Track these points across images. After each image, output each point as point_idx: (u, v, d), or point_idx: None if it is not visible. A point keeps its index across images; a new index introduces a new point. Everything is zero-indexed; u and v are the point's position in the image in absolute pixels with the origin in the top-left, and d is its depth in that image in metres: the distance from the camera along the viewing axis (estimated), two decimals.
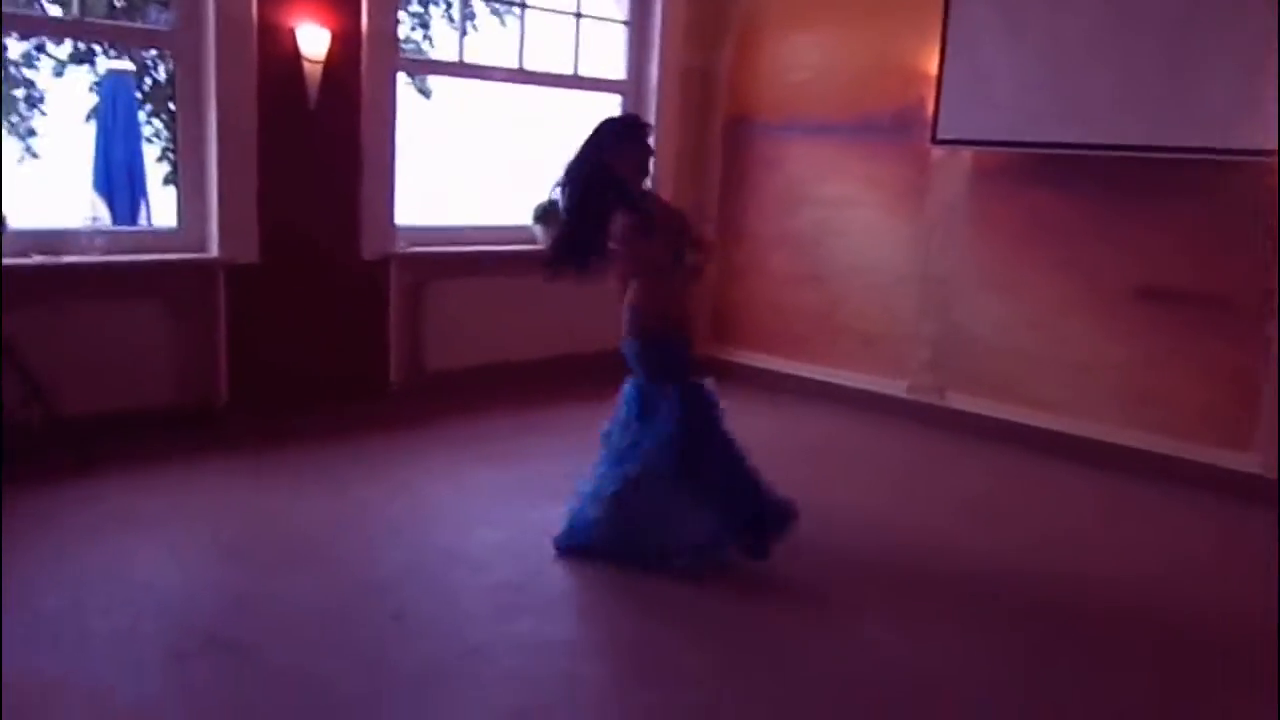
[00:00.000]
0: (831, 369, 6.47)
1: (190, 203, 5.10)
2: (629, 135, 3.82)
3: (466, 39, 6.38)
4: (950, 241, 5.92)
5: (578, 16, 6.52)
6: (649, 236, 3.73)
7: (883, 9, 6.10)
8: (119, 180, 7.10)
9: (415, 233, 5.86)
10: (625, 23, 6.70)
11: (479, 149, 10.68)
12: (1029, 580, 3.87)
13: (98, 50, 10.35)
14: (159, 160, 10.62)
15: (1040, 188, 5.58)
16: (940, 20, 5.66)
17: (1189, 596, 3.82)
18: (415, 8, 12.01)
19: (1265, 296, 4.85)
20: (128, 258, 4.87)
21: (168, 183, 9.72)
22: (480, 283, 5.99)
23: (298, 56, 5.11)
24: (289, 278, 5.28)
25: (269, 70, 5.05)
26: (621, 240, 3.74)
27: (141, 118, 10.60)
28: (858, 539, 4.19)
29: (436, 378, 5.85)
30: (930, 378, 6.03)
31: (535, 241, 6.26)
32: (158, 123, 11.18)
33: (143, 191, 7.42)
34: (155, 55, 10.51)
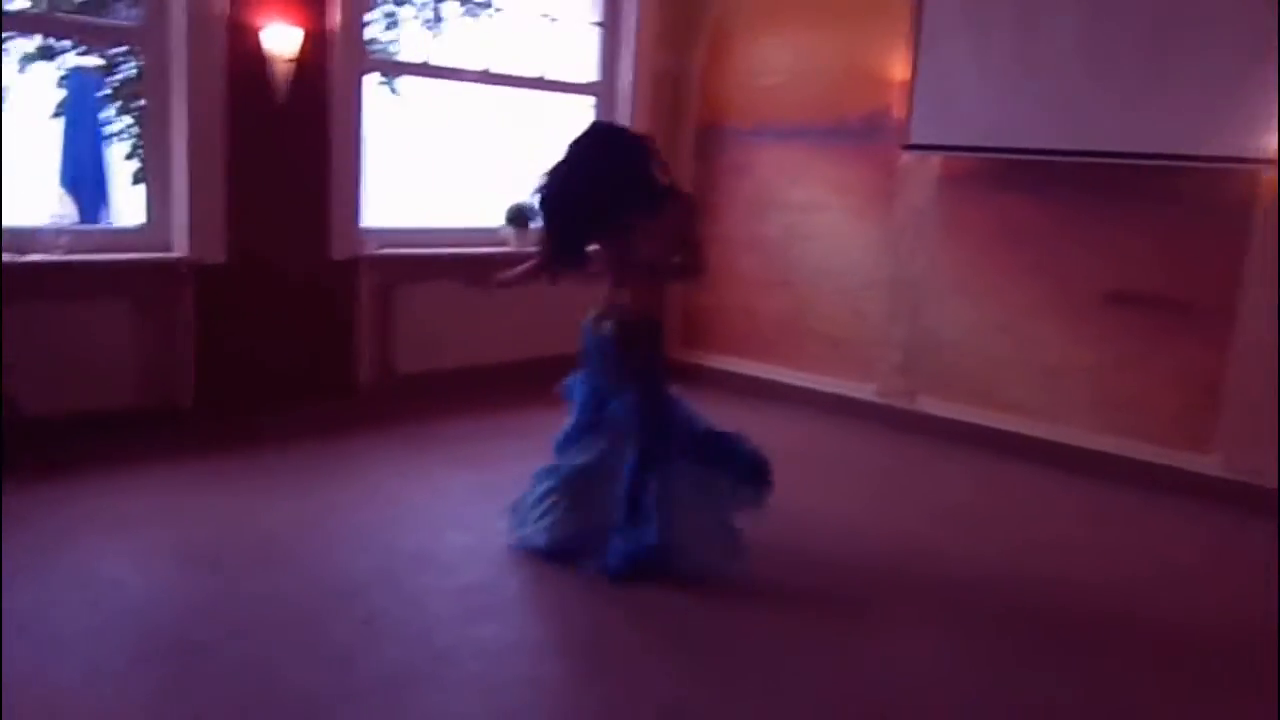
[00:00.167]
0: (802, 373, 6.50)
1: (157, 202, 5.06)
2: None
3: (438, 39, 6.36)
4: (920, 246, 5.96)
5: (550, 19, 6.51)
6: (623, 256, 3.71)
7: (853, 14, 6.13)
8: (85, 178, 7.03)
9: (385, 234, 5.83)
10: (598, 25, 6.70)
11: (450, 150, 10.63)
12: (1008, 584, 3.89)
13: (65, 46, 10.21)
14: (128, 158, 10.49)
15: (1009, 192, 5.63)
16: (910, 26, 5.70)
17: (1166, 599, 3.85)
18: (387, 7, 11.95)
19: (1226, 299, 4.93)
20: (93, 257, 4.81)
21: (137, 181, 9.61)
22: (450, 285, 5.93)
23: (267, 55, 5.07)
24: (256, 278, 5.24)
25: (237, 69, 5.01)
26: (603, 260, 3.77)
27: (110, 114, 10.48)
28: (832, 543, 4.19)
29: (406, 380, 5.83)
30: (900, 382, 6.07)
31: (506, 244, 6.24)
32: (127, 119, 11.05)
33: (110, 189, 7.34)
34: (125, 51, 10.38)
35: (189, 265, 5.00)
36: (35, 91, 10.55)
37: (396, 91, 11.67)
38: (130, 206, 7.70)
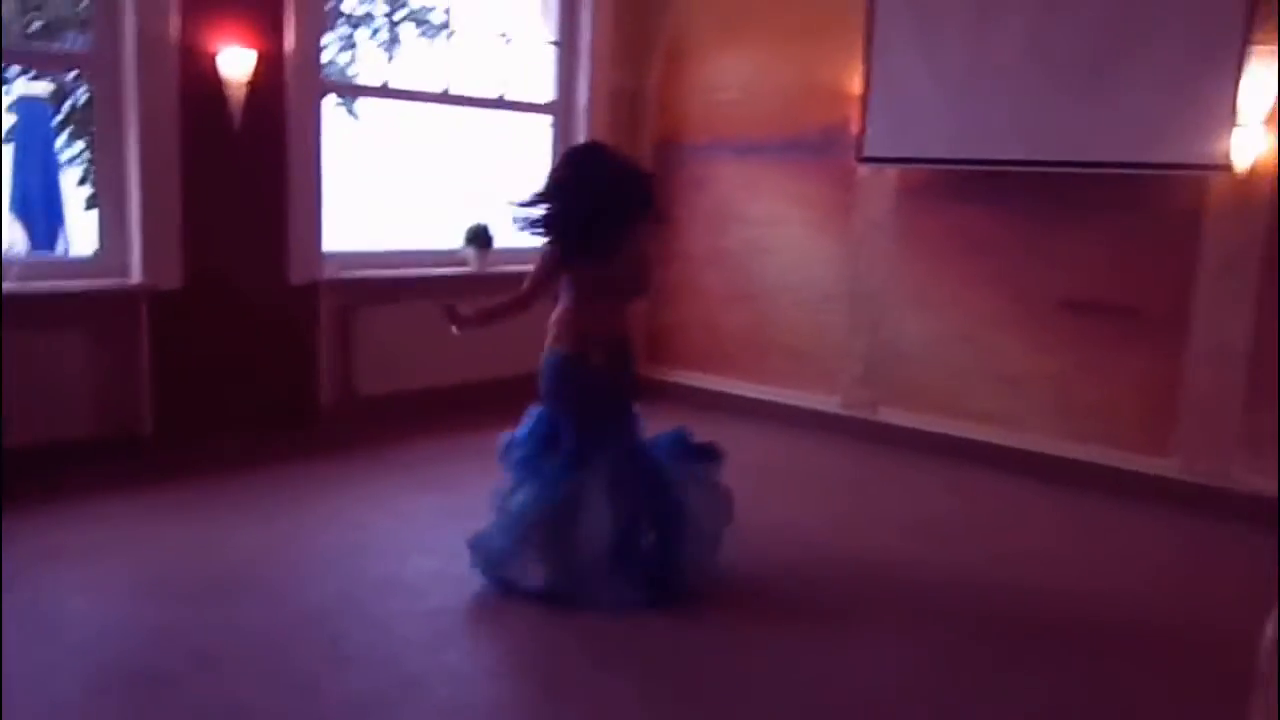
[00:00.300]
0: (765, 386, 6.52)
1: (111, 229, 4.99)
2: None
3: (394, 61, 6.35)
4: (878, 258, 6.01)
5: (505, 39, 6.52)
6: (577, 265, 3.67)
7: (807, 30, 6.19)
8: (36, 206, 6.93)
9: (344, 257, 5.79)
10: (554, 44, 6.72)
11: (409, 172, 10.60)
12: (979, 593, 3.92)
13: (14, 73, 10.09)
14: (81, 184, 10.38)
15: (965, 204, 5.69)
16: (863, 40, 5.75)
17: (1135, 603, 3.89)
18: (343, 29, 11.92)
19: (1180, 304, 5.02)
20: (46, 285, 4.74)
21: (90, 207, 9.50)
22: (410, 307, 5.92)
23: (221, 79, 5.04)
24: (214, 304, 5.18)
25: (191, 93, 4.96)
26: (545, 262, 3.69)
27: (62, 140, 10.36)
28: (801, 557, 4.19)
29: (368, 403, 5.78)
30: (863, 393, 6.10)
31: (467, 264, 6.23)
32: (79, 145, 10.94)
33: (61, 218, 7.25)
34: (76, 77, 10.29)
35: (145, 292, 4.94)
36: None
37: (355, 114, 11.65)
38: (85, 233, 7.61)
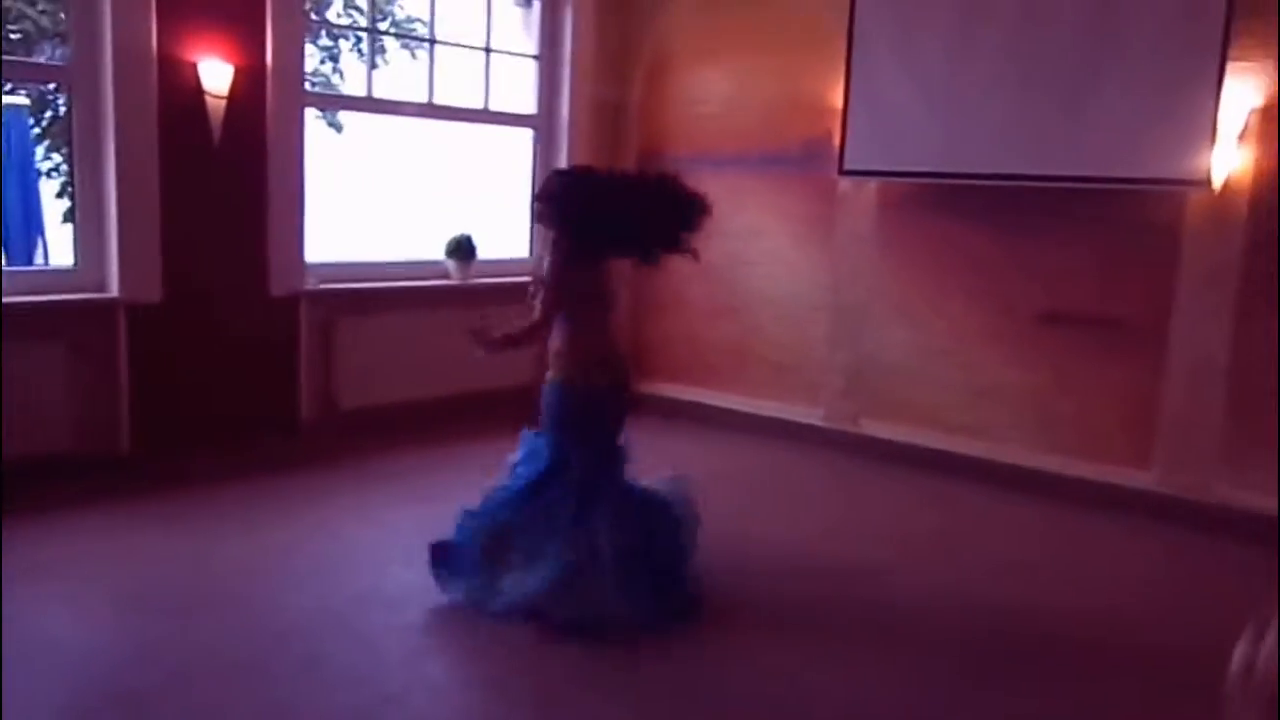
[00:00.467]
0: (747, 398, 6.53)
1: (88, 241, 4.96)
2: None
3: (377, 73, 6.34)
4: (860, 271, 6.03)
5: (487, 51, 6.52)
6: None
7: (789, 44, 6.21)
8: (14, 219, 6.89)
9: (326, 269, 5.77)
10: (535, 57, 6.73)
11: (391, 183, 10.60)
12: (960, 607, 3.91)
13: None
14: (59, 196, 10.33)
15: (945, 217, 5.72)
16: (845, 54, 5.78)
17: (1116, 617, 3.89)
18: (325, 41, 11.91)
19: (1159, 318, 5.05)
20: (23, 298, 4.70)
21: (68, 219, 9.45)
22: (392, 319, 5.91)
23: (200, 91, 5.02)
24: (193, 317, 5.15)
25: (170, 105, 4.94)
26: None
27: (40, 153, 10.30)
28: (783, 571, 4.17)
29: (349, 415, 5.75)
30: (844, 406, 6.11)
31: (449, 276, 6.22)
32: (58, 157, 10.89)
33: (40, 230, 7.20)
34: (55, 88, 10.25)
35: (123, 305, 4.91)
36: None
37: (337, 126, 11.64)
38: (64, 245, 7.57)
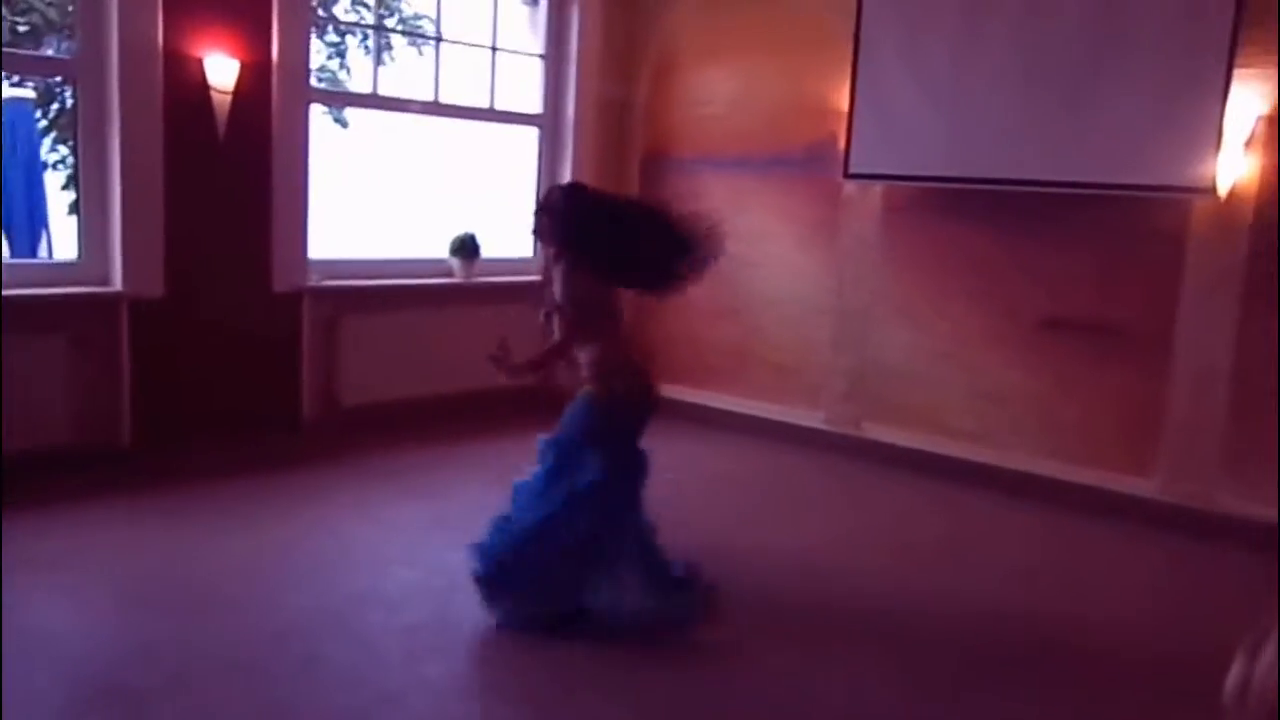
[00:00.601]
0: (749, 400, 6.52)
1: (93, 235, 4.96)
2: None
3: (383, 70, 6.33)
4: (863, 274, 6.02)
5: (494, 49, 6.51)
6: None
7: (795, 45, 6.20)
8: (18, 211, 6.88)
9: (330, 266, 5.77)
10: (541, 56, 6.72)
11: (395, 181, 10.59)
12: (961, 613, 3.90)
13: None
14: (64, 189, 10.33)
15: (950, 221, 5.71)
16: (850, 57, 5.77)
17: (1117, 625, 3.88)
18: (332, 38, 11.90)
19: (1163, 325, 5.03)
20: (26, 291, 4.69)
21: (73, 212, 9.46)
22: (396, 316, 5.91)
23: (206, 87, 5.01)
24: (196, 312, 5.15)
25: (175, 100, 4.94)
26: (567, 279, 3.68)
27: (46, 145, 10.30)
28: (784, 578, 4.16)
29: (351, 413, 5.75)
30: (846, 409, 6.10)
31: (452, 274, 6.21)
32: (64, 150, 10.89)
33: (44, 223, 7.20)
34: (61, 81, 10.25)
35: (126, 299, 4.91)
36: None
37: (343, 122, 11.63)
38: (68, 238, 7.56)
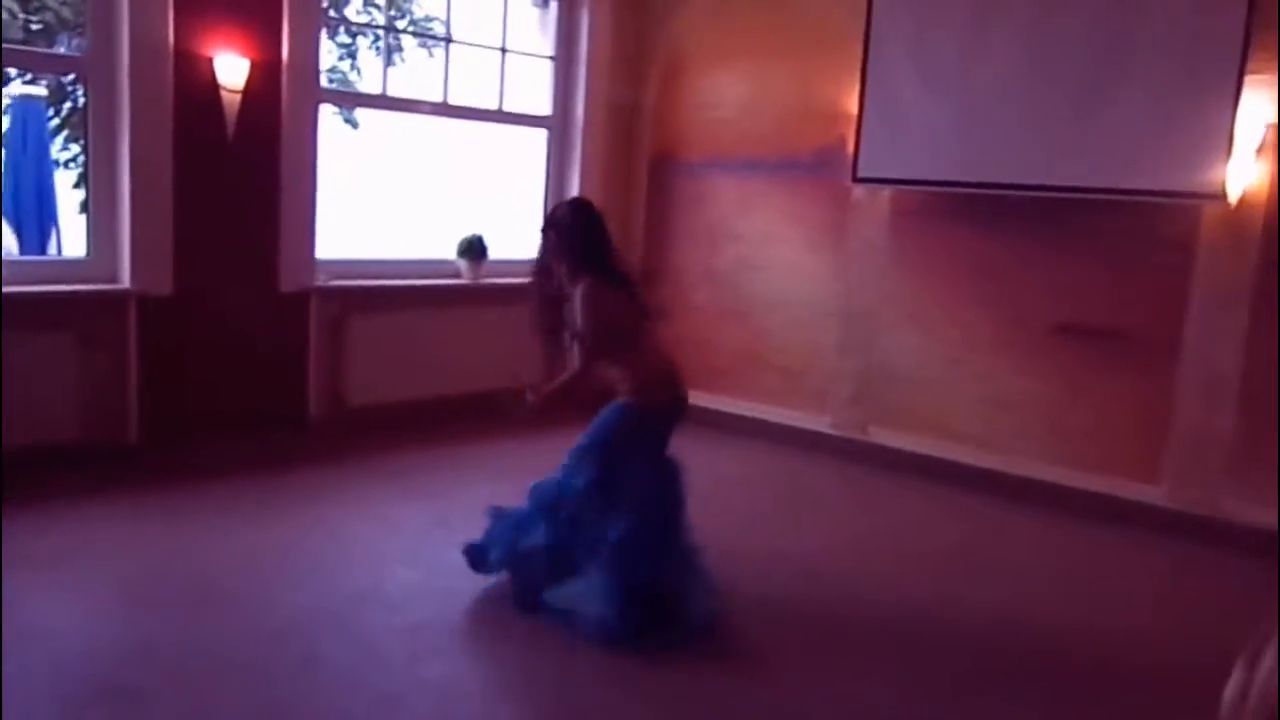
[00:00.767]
0: (756, 404, 6.51)
1: (101, 232, 4.98)
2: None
3: (393, 71, 6.34)
4: (871, 278, 6.00)
5: (503, 51, 6.52)
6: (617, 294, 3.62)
7: (804, 48, 6.20)
8: (28, 208, 6.90)
9: (337, 265, 5.77)
10: (551, 58, 6.72)
11: (404, 181, 10.60)
12: (967, 620, 3.88)
13: (10, 74, 10.09)
14: (75, 186, 10.37)
15: (958, 226, 5.69)
16: (860, 61, 5.76)
17: (1125, 633, 3.86)
18: (343, 38, 11.94)
19: (1172, 332, 5.01)
20: (36, 288, 4.71)
21: (84, 210, 9.48)
22: (403, 317, 5.92)
23: (216, 86, 5.03)
24: (204, 310, 5.16)
25: (185, 99, 4.96)
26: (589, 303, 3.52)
27: (58, 143, 10.35)
28: (789, 582, 4.14)
29: (357, 413, 5.76)
30: (853, 413, 6.08)
31: (459, 275, 6.22)
32: (75, 148, 10.94)
33: (53, 220, 7.22)
34: (73, 79, 10.29)
35: (134, 297, 4.92)
36: None
37: (353, 123, 11.66)
38: (78, 236, 7.58)
